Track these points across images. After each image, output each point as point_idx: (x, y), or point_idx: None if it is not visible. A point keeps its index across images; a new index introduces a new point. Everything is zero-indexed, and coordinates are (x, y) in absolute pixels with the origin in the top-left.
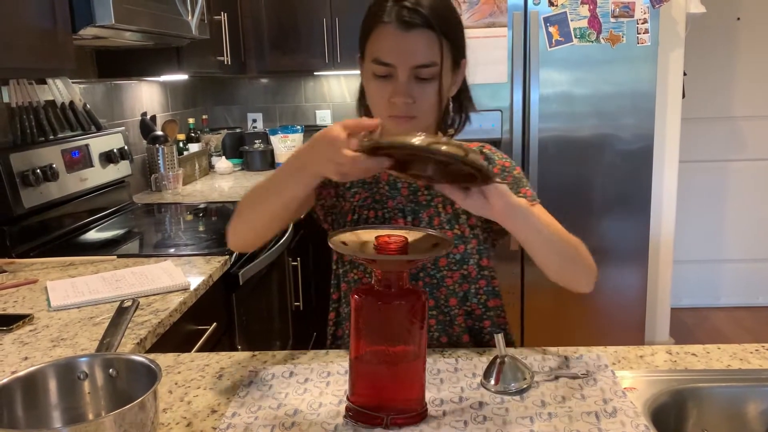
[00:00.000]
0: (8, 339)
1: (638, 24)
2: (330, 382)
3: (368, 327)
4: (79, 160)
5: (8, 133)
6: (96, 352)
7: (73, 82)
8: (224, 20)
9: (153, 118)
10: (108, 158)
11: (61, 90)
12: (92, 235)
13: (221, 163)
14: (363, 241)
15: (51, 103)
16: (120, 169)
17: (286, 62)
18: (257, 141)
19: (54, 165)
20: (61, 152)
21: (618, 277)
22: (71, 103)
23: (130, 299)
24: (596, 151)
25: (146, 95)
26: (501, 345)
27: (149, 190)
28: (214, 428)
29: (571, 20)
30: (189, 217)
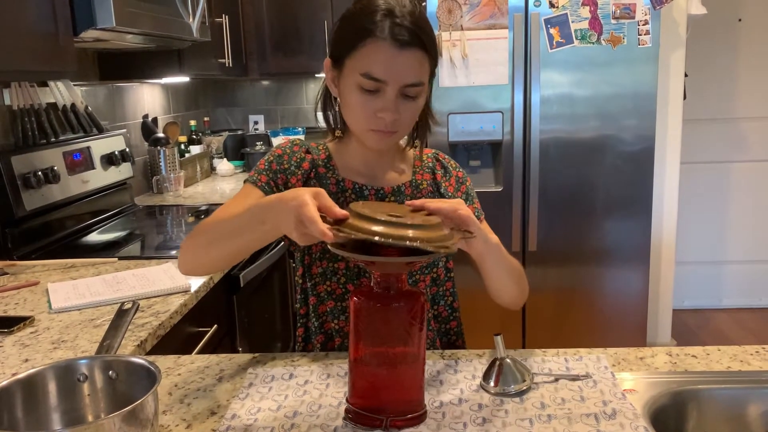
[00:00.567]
0: (9, 341)
1: (639, 25)
2: (330, 384)
3: (367, 329)
4: (81, 163)
5: (10, 136)
6: (96, 355)
7: (75, 85)
8: (225, 22)
9: (154, 120)
10: (109, 160)
11: (63, 92)
12: (93, 237)
13: (223, 165)
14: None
15: (52, 106)
16: (121, 172)
17: (288, 64)
18: (259, 143)
19: (55, 167)
20: (63, 154)
21: (620, 279)
22: (73, 106)
23: (130, 301)
24: (597, 153)
25: (148, 97)
26: (500, 347)
27: (151, 192)
28: (214, 430)
29: (572, 22)
30: (190, 219)
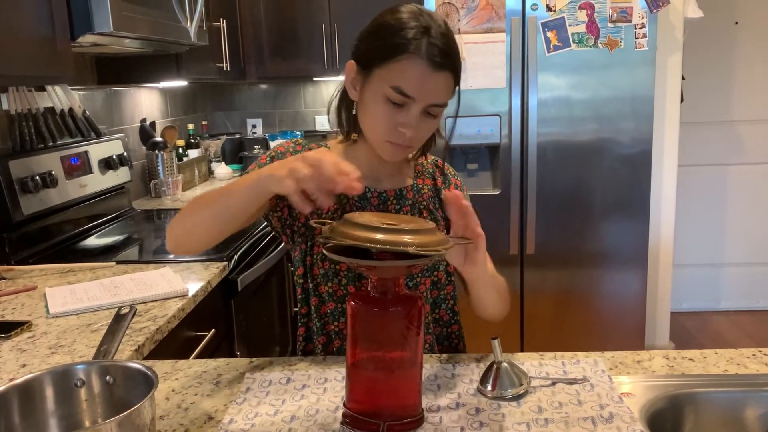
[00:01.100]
0: (6, 346)
1: (636, 29)
2: (327, 389)
3: (365, 333)
4: (79, 167)
5: (7, 140)
6: (93, 360)
7: (73, 89)
8: (223, 26)
9: (152, 125)
10: (107, 164)
11: (61, 97)
12: (91, 242)
13: (221, 169)
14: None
15: (50, 110)
16: (119, 176)
17: (286, 68)
18: (257, 146)
19: (53, 171)
20: (61, 159)
21: (617, 282)
22: (70, 110)
23: (128, 306)
24: (595, 156)
25: (146, 101)
26: (498, 351)
27: (149, 196)
28: None
29: (569, 25)
30: None
